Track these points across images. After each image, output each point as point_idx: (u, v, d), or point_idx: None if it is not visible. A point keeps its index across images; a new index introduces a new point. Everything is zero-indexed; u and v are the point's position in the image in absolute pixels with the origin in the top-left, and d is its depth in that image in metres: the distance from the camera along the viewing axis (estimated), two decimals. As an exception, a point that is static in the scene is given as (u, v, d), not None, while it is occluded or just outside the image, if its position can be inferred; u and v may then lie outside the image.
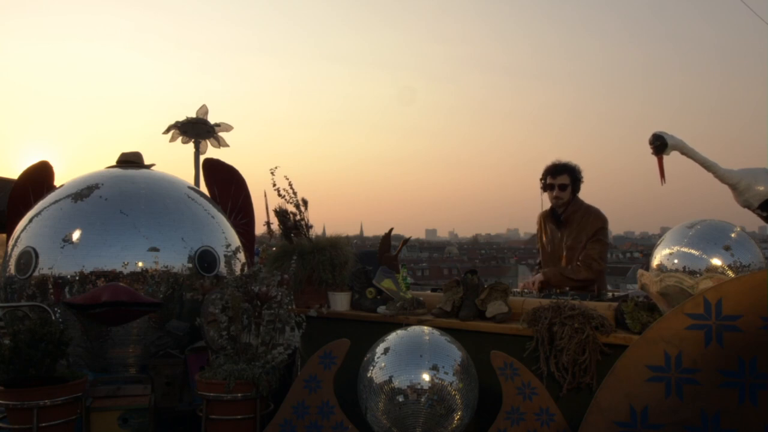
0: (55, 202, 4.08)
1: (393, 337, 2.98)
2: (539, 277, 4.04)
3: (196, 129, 6.01)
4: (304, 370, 3.31)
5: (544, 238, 4.34)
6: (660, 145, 3.73)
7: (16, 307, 3.82)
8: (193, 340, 3.89)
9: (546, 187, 4.24)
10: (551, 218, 4.27)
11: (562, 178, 4.17)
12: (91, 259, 3.80)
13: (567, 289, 3.87)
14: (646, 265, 3.11)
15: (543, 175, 4.25)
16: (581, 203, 4.22)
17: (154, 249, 3.88)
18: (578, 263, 4.06)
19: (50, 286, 3.79)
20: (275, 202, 4.05)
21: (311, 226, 4.06)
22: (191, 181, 5.61)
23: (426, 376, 2.77)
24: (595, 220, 4.11)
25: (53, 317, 3.61)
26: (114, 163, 4.47)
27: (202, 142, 6.05)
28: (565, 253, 4.17)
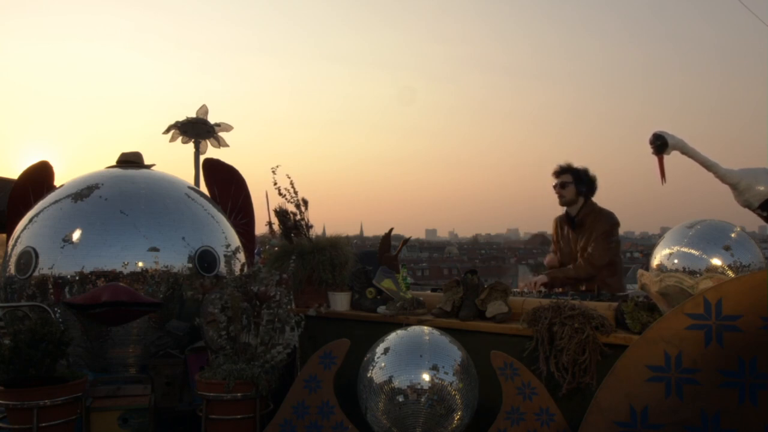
0: (55, 202, 4.08)
1: (393, 337, 2.98)
2: (542, 278, 4.09)
3: (196, 129, 6.01)
4: (304, 370, 3.31)
5: (561, 241, 4.49)
6: (660, 144, 3.73)
7: (16, 307, 3.82)
8: (193, 340, 3.88)
9: (555, 188, 4.43)
10: (566, 220, 4.45)
11: (563, 177, 4.37)
12: (91, 259, 3.80)
13: (568, 289, 3.88)
14: (646, 265, 3.11)
15: (552, 176, 4.46)
16: (594, 206, 4.36)
17: (154, 249, 3.88)
18: (581, 261, 4.21)
19: (50, 286, 3.79)
20: (276, 201, 4.05)
21: (311, 226, 4.05)
22: (191, 181, 5.61)
23: (426, 376, 2.77)
24: (604, 222, 4.27)
25: (53, 317, 3.61)
26: (114, 163, 4.47)
27: (202, 142, 6.05)
28: (579, 254, 4.30)
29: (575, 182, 4.33)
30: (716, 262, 2.84)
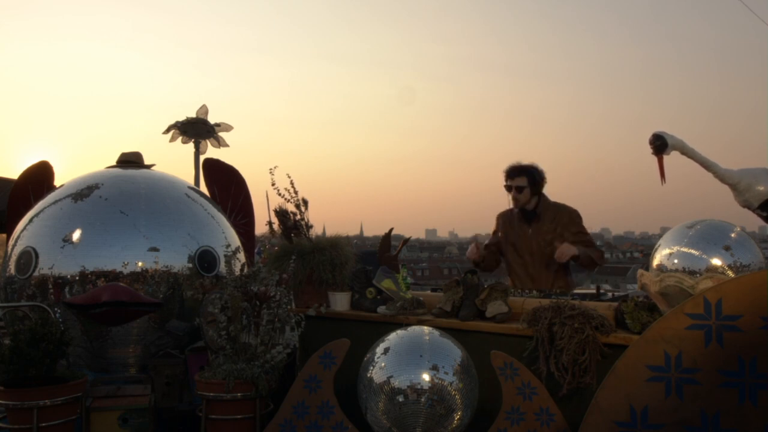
0: (55, 202, 4.08)
1: (393, 337, 2.98)
2: (573, 250, 4.01)
3: (196, 129, 6.01)
4: (304, 370, 3.31)
5: (508, 236, 4.40)
6: (660, 144, 3.73)
7: (16, 307, 3.82)
8: (193, 340, 3.89)
9: (506, 189, 4.33)
10: (520, 216, 4.33)
11: (518, 180, 4.25)
12: (91, 259, 3.80)
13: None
14: (646, 265, 3.11)
15: (504, 176, 4.35)
16: (548, 200, 4.32)
17: (154, 249, 3.88)
18: (597, 252, 4.20)
19: (50, 286, 3.79)
20: (276, 201, 4.05)
21: (311, 226, 4.05)
22: (191, 181, 5.61)
23: (426, 376, 2.77)
24: (573, 216, 4.25)
25: (53, 317, 3.62)
26: (114, 163, 4.47)
27: (202, 142, 6.05)
28: (537, 248, 4.23)
29: (530, 185, 4.24)
30: (716, 262, 2.83)
